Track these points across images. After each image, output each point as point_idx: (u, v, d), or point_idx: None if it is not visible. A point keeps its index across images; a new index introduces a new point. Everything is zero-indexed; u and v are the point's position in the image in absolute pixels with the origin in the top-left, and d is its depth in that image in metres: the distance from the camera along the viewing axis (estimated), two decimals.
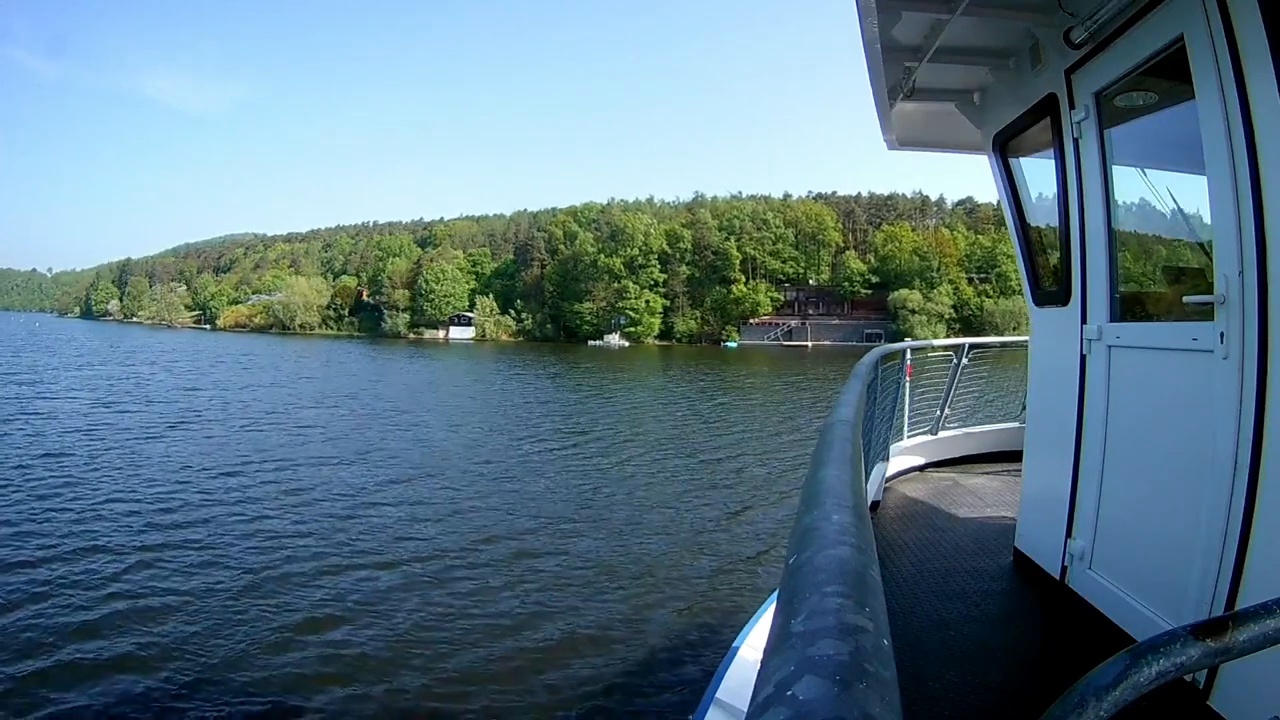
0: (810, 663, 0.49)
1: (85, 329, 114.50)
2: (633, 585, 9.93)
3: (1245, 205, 2.20)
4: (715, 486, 15.92)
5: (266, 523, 12.41)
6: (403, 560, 10.69)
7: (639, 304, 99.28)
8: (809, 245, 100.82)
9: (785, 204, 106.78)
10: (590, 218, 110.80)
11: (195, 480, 15.31)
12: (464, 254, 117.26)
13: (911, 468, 6.48)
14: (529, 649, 8.01)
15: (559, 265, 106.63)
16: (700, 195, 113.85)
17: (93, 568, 9.93)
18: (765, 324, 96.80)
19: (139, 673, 7.28)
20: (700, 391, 37.84)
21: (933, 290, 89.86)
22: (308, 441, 20.59)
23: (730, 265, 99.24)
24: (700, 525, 12.91)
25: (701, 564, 10.83)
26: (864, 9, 2.88)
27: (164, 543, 11.10)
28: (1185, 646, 0.75)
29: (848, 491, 0.95)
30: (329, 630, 8.33)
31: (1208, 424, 2.39)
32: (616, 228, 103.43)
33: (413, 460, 18.23)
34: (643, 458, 19.16)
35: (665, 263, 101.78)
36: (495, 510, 13.59)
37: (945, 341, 7.57)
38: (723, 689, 3.62)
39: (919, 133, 4.90)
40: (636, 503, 14.47)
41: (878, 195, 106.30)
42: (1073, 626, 3.15)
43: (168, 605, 8.81)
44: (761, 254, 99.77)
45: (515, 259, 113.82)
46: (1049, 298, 3.64)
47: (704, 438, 22.52)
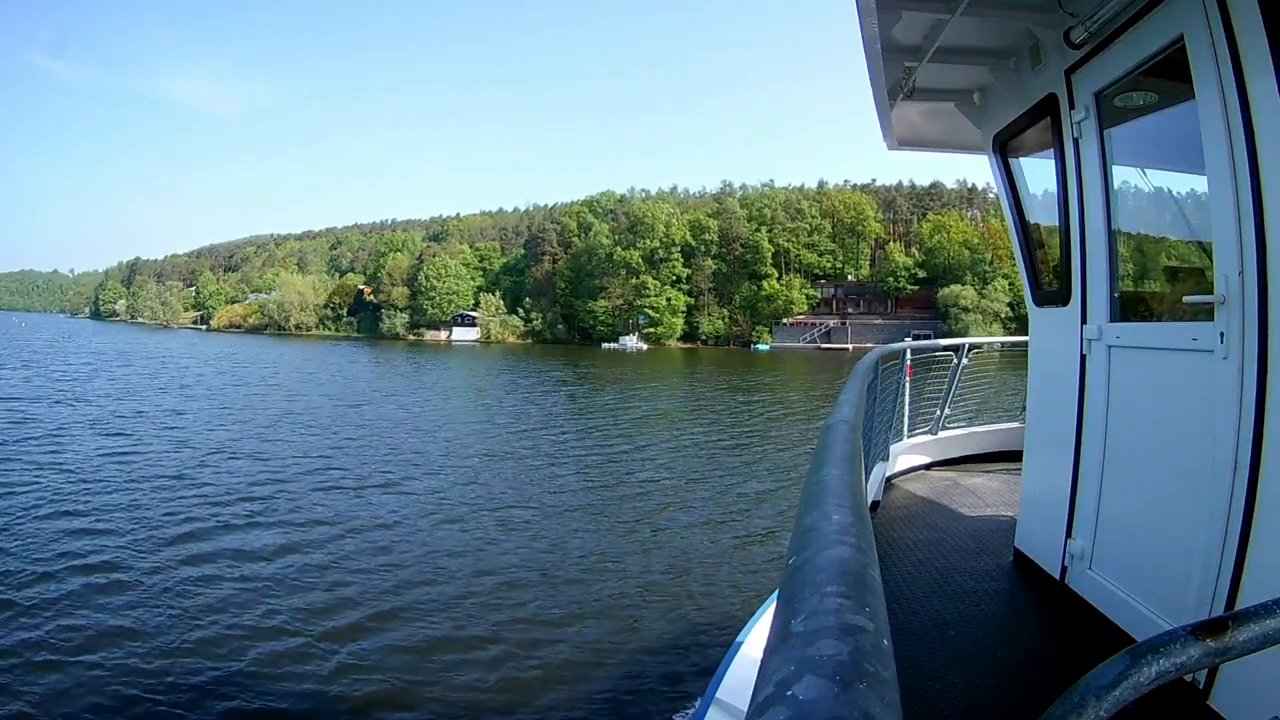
0: (810, 663, 0.49)
1: (74, 329, 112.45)
2: (634, 586, 10.11)
3: (1245, 205, 2.20)
4: (736, 512, 14.43)
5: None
6: (404, 562, 10.89)
7: (660, 302, 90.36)
8: (847, 237, 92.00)
9: (821, 193, 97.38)
10: (607, 208, 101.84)
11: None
12: (471, 248, 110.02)
13: (911, 468, 6.51)
14: (530, 649, 8.12)
15: (572, 259, 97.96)
16: (728, 184, 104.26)
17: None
18: (800, 324, 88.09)
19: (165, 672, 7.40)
20: (729, 409, 32.09)
21: (986, 286, 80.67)
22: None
23: (761, 259, 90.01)
24: (715, 545, 12.69)
25: (703, 568, 11.06)
26: (864, 9, 2.90)
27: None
28: (1185, 646, 0.76)
29: (848, 491, 0.96)
30: (343, 633, 8.47)
31: (1208, 424, 2.39)
32: (635, 218, 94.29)
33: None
34: (658, 486, 16.91)
35: (689, 256, 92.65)
36: (497, 517, 13.83)
37: (945, 342, 7.44)
38: (723, 689, 3.60)
39: (919, 132, 4.90)
40: (648, 522, 14.43)
41: (919, 186, 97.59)
42: (1073, 626, 3.16)
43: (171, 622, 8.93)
44: (796, 246, 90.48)
45: (525, 252, 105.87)
46: (1049, 298, 3.66)
47: (732, 464, 19.48)
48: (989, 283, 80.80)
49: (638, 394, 37.42)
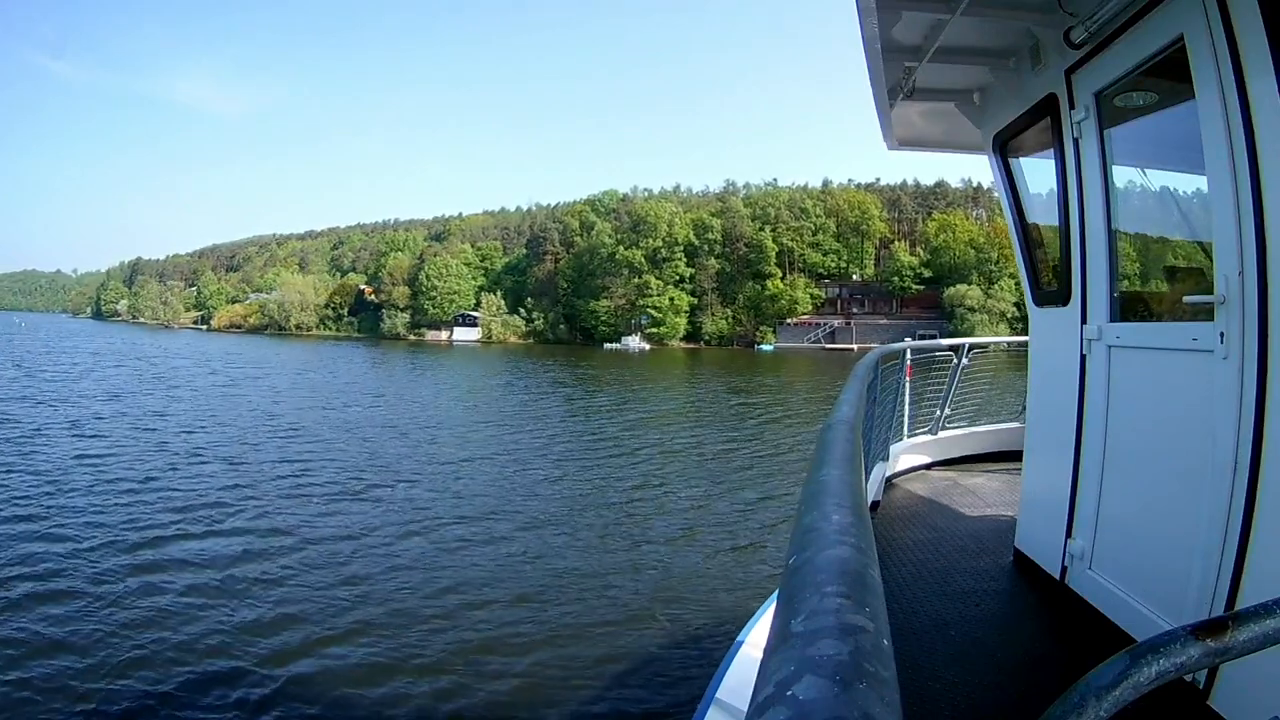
0: (810, 663, 0.49)
1: (73, 329, 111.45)
2: (633, 588, 10.05)
3: (1245, 205, 2.19)
4: (734, 517, 14.03)
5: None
6: (406, 564, 10.83)
7: (662, 302, 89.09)
8: (851, 237, 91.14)
9: (825, 192, 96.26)
10: (610, 207, 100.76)
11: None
12: (472, 248, 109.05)
13: (911, 468, 6.49)
14: (529, 648, 8.09)
15: (574, 259, 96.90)
16: (731, 183, 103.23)
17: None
18: (805, 324, 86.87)
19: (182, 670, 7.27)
20: (732, 410, 31.40)
21: (992, 286, 79.87)
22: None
23: (765, 258, 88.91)
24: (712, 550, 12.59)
25: (703, 569, 11.00)
26: (864, 9, 2.88)
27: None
28: (1185, 646, 0.76)
29: (848, 491, 0.96)
30: (345, 634, 8.40)
31: (1208, 424, 2.38)
32: (638, 217, 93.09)
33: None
34: (655, 488, 16.48)
35: (692, 255, 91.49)
36: (498, 519, 13.80)
37: (945, 342, 7.49)
38: (723, 689, 3.61)
39: (919, 132, 4.87)
40: (648, 515, 14.52)
41: (924, 185, 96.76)
42: (1073, 626, 3.15)
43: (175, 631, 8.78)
44: (800, 245, 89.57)
45: (527, 252, 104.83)
46: (1049, 298, 3.64)
47: (732, 467, 18.81)
48: (995, 282, 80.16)
49: (637, 395, 36.51)
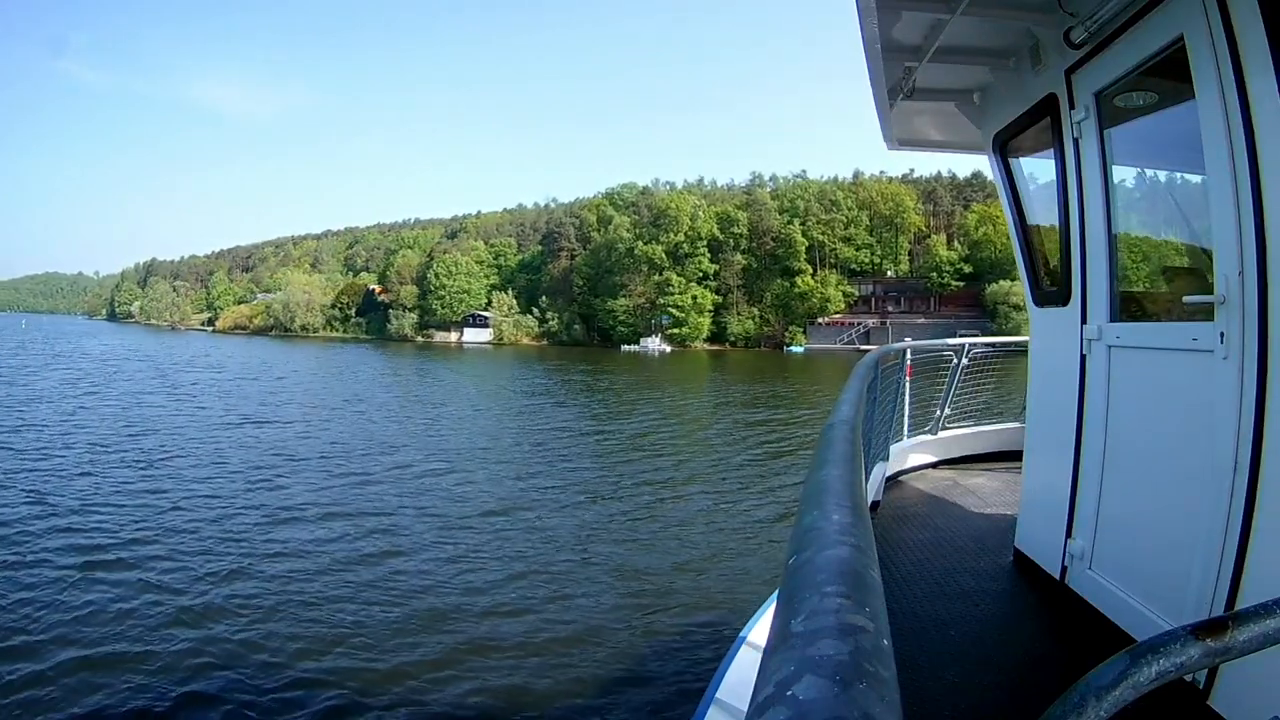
0: (810, 663, 0.49)
1: (79, 329, 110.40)
2: (634, 588, 10.04)
3: (1245, 205, 2.19)
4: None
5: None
6: (410, 567, 10.78)
7: (685, 300, 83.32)
8: (885, 230, 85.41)
9: (857, 184, 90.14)
10: (629, 200, 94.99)
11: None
12: (485, 245, 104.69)
13: (912, 467, 6.50)
14: (530, 649, 8.06)
15: (590, 255, 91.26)
16: (758, 175, 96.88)
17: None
18: (837, 324, 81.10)
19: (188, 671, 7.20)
20: (757, 424, 26.76)
21: None
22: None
23: (794, 253, 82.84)
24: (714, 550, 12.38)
25: (703, 569, 10.94)
26: (864, 9, 2.88)
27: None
28: (1185, 646, 0.76)
29: (848, 491, 0.96)
30: (345, 634, 8.36)
31: (1208, 424, 2.37)
32: (659, 210, 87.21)
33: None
34: (659, 491, 15.75)
35: (716, 251, 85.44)
36: (502, 523, 13.73)
37: (945, 342, 7.45)
38: (723, 689, 3.60)
39: (919, 132, 4.90)
40: (647, 525, 14.45)
41: (960, 177, 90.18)
42: (1073, 626, 3.14)
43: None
44: (831, 239, 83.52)
45: (542, 249, 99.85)
46: (1049, 298, 3.64)
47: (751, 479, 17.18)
48: None
49: (656, 409, 31.56)
